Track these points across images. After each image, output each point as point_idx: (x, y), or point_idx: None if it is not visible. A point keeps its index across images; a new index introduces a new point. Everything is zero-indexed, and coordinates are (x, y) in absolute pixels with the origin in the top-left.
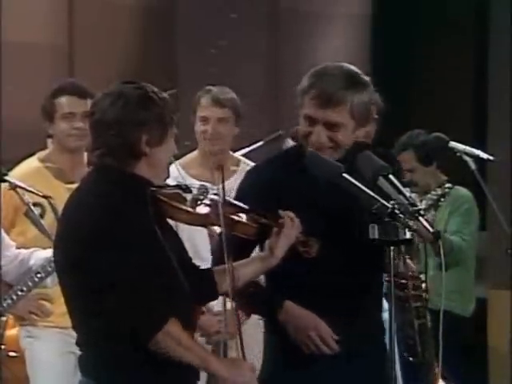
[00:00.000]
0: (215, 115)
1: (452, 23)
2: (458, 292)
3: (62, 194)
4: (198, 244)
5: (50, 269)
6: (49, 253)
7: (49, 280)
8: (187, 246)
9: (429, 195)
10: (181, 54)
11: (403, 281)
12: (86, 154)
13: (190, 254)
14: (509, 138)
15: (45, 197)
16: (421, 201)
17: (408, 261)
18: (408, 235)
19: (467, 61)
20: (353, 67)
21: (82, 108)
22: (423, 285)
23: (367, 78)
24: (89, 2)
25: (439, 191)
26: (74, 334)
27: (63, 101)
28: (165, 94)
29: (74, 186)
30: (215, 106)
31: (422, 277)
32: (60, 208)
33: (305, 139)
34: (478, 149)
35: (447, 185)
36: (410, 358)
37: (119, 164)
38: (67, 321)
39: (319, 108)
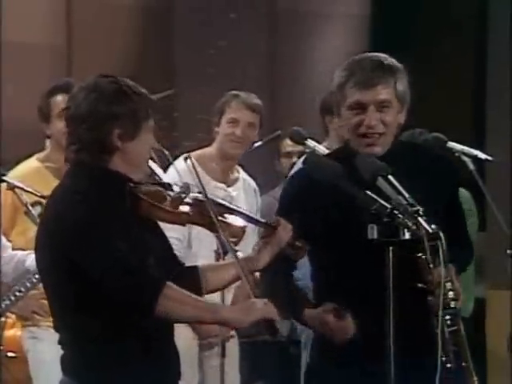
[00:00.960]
0: (246, 119)
1: (451, 23)
2: None
3: None
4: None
5: None
6: None
7: None
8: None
9: None
10: (179, 54)
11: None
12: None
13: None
14: (508, 138)
15: (43, 197)
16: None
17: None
18: (407, 236)
19: (466, 60)
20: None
21: None
22: (450, 292)
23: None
24: (87, 3)
25: None
26: None
27: (58, 99)
28: (142, 89)
29: None
30: (247, 109)
31: (448, 285)
32: None
33: (354, 133)
34: (476, 149)
35: None
36: (448, 365)
37: (93, 159)
38: None
39: (367, 90)
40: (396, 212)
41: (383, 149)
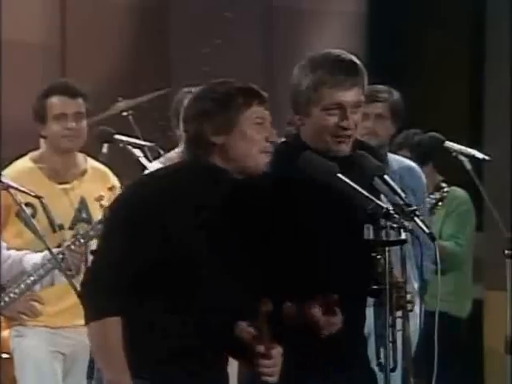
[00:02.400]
0: None
1: (449, 21)
2: (454, 293)
3: (55, 194)
4: None
5: (43, 272)
6: (41, 256)
7: (37, 285)
8: None
9: (426, 199)
10: (174, 53)
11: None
12: (78, 155)
13: None
14: (506, 137)
15: (37, 197)
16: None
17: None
18: (403, 236)
19: (463, 59)
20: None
21: (73, 108)
22: (408, 296)
23: None
24: (81, 2)
25: (437, 195)
26: (65, 334)
27: (54, 101)
28: (241, 83)
29: (67, 186)
30: None
31: (407, 287)
32: (52, 209)
33: (327, 132)
34: (474, 148)
35: (445, 188)
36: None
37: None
38: (58, 321)
39: (345, 91)
40: (392, 212)
41: (349, 148)
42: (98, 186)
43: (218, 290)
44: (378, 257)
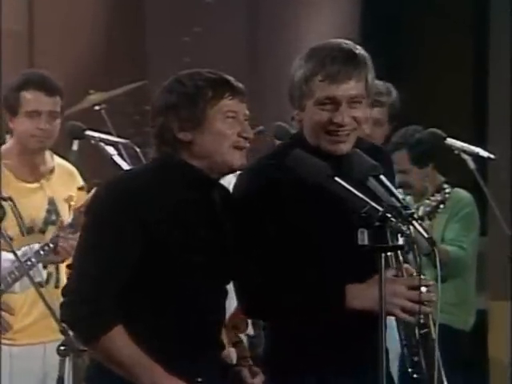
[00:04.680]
0: None
1: (451, 13)
2: (457, 305)
3: (23, 194)
4: None
5: (10, 280)
6: (10, 261)
7: (17, 285)
8: None
9: (426, 201)
10: (150, 41)
11: None
12: (47, 153)
13: None
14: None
15: (4, 199)
16: (417, 208)
17: (408, 267)
18: (401, 241)
19: (466, 51)
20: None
21: (48, 106)
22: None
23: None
24: None
25: (438, 197)
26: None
27: (28, 96)
28: (211, 72)
29: (36, 185)
30: None
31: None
32: (22, 209)
33: (321, 129)
34: (478, 146)
35: (447, 189)
36: (415, 375)
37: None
38: (26, 337)
39: (338, 84)
40: (389, 215)
41: (349, 147)
42: (66, 185)
43: (202, 292)
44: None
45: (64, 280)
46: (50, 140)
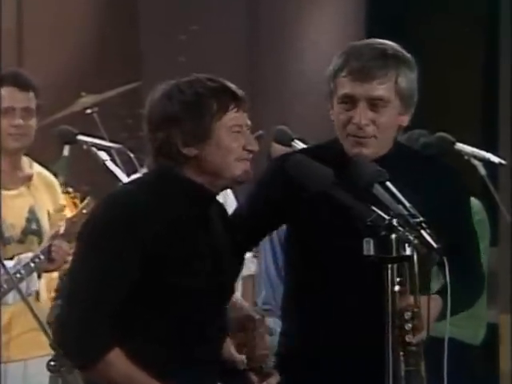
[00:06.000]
0: None
1: (461, 11)
2: (467, 318)
3: (2, 202)
4: None
5: (6, 287)
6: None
7: (9, 297)
8: None
9: None
10: (145, 40)
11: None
12: (23, 158)
13: None
14: None
15: None
16: None
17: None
18: (408, 251)
19: (475, 52)
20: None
21: (22, 102)
22: (408, 324)
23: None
24: None
25: None
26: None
27: (2, 93)
28: (215, 82)
29: (15, 192)
30: None
31: (408, 314)
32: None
33: (343, 130)
34: (488, 151)
35: None
36: None
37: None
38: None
39: (359, 82)
40: (396, 224)
41: (374, 152)
42: (47, 195)
43: (204, 308)
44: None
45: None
46: (26, 139)
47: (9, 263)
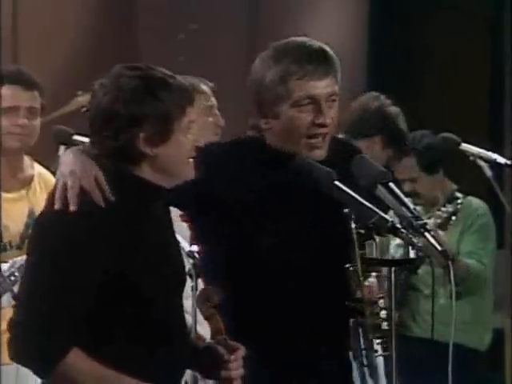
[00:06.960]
0: None
1: (466, 12)
2: (473, 323)
3: (2, 205)
4: None
5: (0, 289)
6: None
7: (4, 299)
8: None
9: (437, 212)
10: (142, 39)
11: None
12: (25, 158)
13: None
14: None
15: None
16: (428, 219)
17: (372, 282)
18: (412, 254)
19: (481, 51)
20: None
21: (27, 102)
22: (382, 312)
23: None
24: None
25: (450, 208)
26: None
27: (5, 92)
28: (175, 80)
29: (15, 195)
30: None
31: (381, 303)
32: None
33: (302, 134)
34: (495, 152)
35: (459, 199)
36: None
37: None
38: None
39: (317, 81)
40: (399, 226)
41: (325, 153)
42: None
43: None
44: (351, 269)
45: None
46: (30, 139)
47: (3, 266)
